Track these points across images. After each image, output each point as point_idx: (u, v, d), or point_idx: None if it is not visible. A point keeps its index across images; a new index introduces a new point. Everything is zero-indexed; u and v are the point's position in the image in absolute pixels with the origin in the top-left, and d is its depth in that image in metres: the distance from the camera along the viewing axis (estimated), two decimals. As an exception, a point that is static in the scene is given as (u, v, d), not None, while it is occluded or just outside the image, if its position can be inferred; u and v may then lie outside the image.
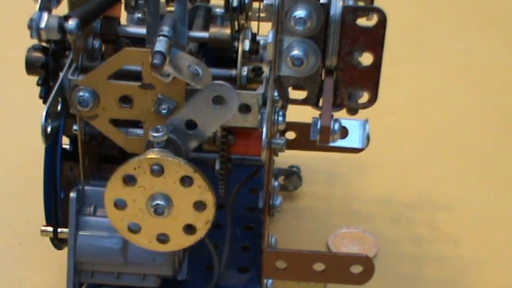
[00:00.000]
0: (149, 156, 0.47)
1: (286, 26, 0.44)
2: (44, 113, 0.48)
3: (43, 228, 0.55)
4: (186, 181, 0.47)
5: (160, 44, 0.45)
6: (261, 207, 0.63)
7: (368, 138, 0.59)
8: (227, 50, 0.51)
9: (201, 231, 0.49)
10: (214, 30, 0.51)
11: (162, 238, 0.50)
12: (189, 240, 0.50)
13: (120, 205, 0.48)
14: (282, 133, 0.67)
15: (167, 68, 0.45)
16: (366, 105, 0.47)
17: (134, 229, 0.49)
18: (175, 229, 0.49)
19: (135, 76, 0.48)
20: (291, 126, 0.67)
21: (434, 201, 0.74)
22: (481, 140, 0.82)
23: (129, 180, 0.47)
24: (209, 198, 0.48)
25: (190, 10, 0.52)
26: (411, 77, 0.90)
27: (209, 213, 0.49)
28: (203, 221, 0.49)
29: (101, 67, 0.48)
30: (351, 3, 0.46)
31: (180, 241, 0.50)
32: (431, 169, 0.78)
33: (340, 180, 0.77)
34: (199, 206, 0.48)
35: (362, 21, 0.45)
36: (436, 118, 0.85)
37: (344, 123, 0.53)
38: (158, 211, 0.48)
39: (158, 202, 0.48)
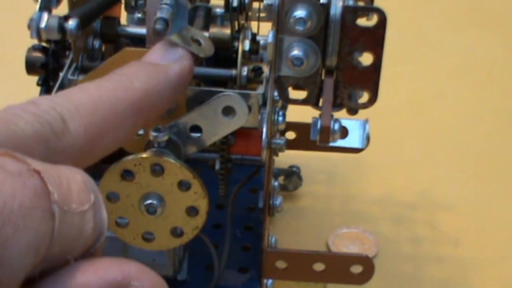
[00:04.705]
0: (152, 156, 0.46)
1: (286, 26, 0.44)
2: (44, 113, 0.48)
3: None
4: (183, 185, 0.47)
5: (163, 11, 0.44)
6: (261, 207, 0.63)
7: (368, 138, 0.59)
8: (227, 50, 0.51)
9: (188, 236, 0.49)
10: (214, 30, 0.51)
11: (147, 237, 0.49)
12: (174, 243, 0.49)
13: (112, 198, 0.48)
14: (282, 133, 0.67)
15: (175, 39, 0.44)
16: (366, 105, 0.47)
17: (122, 223, 0.49)
18: (162, 229, 0.49)
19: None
20: (291, 126, 0.67)
21: (434, 201, 0.74)
22: (482, 140, 0.82)
23: (127, 175, 0.47)
24: (202, 206, 0.48)
25: (190, 10, 0.52)
26: (411, 77, 0.90)
27: (200, 220, 0.48)
28: (192, 227, 0.49)
29: (101, 67, 0.47)
30: (351, 3, 0.46)
31: (165, 242, 0.49)
32: (431, 169, 0.78)
33: (340, 180, 0.77)
34: (192, 211, 0.48)
35: (362, 21, 0.45)
36: (436, 118, 0.85)
37: (344, 123, 0.53)
38: (150, 210, 0.47)
39: (151, 201, 0.47)
